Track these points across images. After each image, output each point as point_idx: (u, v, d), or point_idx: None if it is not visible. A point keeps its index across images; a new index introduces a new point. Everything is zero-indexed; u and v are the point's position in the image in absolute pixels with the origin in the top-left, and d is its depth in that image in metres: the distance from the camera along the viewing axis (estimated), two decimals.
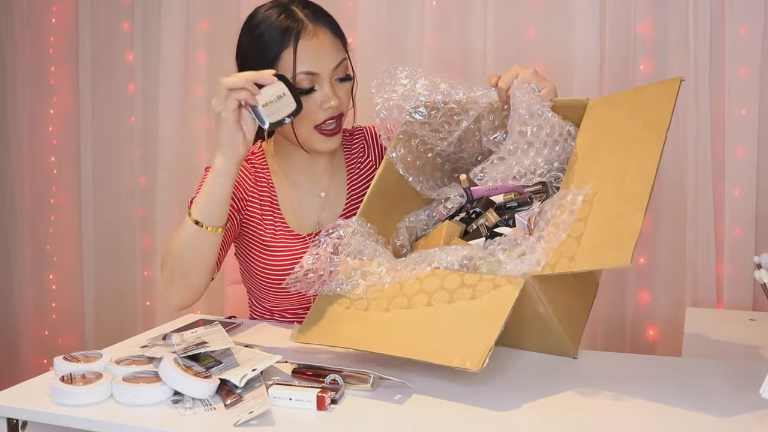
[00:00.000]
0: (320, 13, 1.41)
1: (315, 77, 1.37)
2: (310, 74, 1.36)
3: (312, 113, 1.39)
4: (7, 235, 2.67)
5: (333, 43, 1.39)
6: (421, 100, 1.34)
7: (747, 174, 1.86)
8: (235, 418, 0.95)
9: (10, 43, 2.60)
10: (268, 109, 1.21)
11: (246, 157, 1.52)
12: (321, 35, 1.37)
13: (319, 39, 1.37)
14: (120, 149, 2.52)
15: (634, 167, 1.08)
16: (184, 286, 1.32)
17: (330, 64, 1.38)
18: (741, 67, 1.85)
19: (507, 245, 1.12)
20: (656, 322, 1.98)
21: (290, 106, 1.22)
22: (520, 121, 1.24)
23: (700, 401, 0.99)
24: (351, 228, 1.25)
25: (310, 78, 1.36)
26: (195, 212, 1.28)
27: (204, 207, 1.27)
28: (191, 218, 1.28)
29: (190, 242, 1.28)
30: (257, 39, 1.39)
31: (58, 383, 1.02)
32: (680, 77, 1.16)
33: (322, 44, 1.37)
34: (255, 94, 1.20)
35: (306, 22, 1.37)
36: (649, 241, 1.97)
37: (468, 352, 1.01)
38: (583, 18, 1.96)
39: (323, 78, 1.37)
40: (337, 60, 1.39)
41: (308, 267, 1.21)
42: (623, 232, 1.00)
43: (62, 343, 2.67)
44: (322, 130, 1.41)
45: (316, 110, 1.39)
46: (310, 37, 1.36)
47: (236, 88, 1.19)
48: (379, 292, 1.15)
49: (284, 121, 1.22)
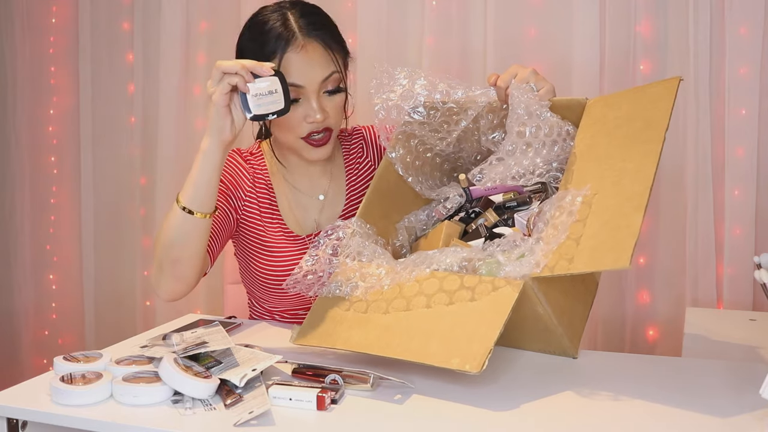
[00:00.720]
0: (316, 25, 1.38)
1: (300, 89, 1.35)
2: (295, 86, 1.34)
3: (296, 125, 1.38)
4: (7, 235, 2.67)
5: (323, 56, 1.36)
6: (420, 100, 1.34)
7: (747, 174, 1.86)
8: (235, 418, 0.95)
9: (10, 43, 2.60)
10: (256, 100, 1.20)
11: (244, 158, 1.52)
12: (310, 48, 1.35)
13: (308, 52, 1.35)
14: (120, 149, 2.52)
15: (633, 167, 1.08)
16: (173, 276, 1.31)
17: (317, 78, 1.36)
18: (741, 67, 1.85)
19: (506, 247, 1.12)
20: (656, 322, 1.98)
21: (278, 104, 1.22)
22: (519, 121, 1.24)
23: (700, 401, 0.99)
24: (350, 229, 1.25)
25: (296, 90, 1.35)
26: (182, 198, 1.27)
27: (191, 192, 1.27)
28: (179, 205, 1.27)
29: (178, 230, 1.28)
30: (252, 40, 1.39)
31: (58, 383, 1.02)
32: (679, 77, 1.16)
33: (311, 57, 1.35)
34: (248, 82, 1.19)
35: (297, 33, 1.35)
36: (649, 241, 1.97)
37: (467, 354, 1.01)
38: (583, 18, 1.96)
39: (309, 91, 1.36)
40: (325, 73, 1.36)
41: (307, 269, 1.21)
42: (622, 233, 1.00)
43: (62, 343, 2.67)
44: (308, 140, 1.40)
45: (301, 122, 1.38)
46: (298, 50, 1.34)
47: (230, 72, 1.19)
48: (379, 294, 1.15)
49: (267, 116, 1.22)
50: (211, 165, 1.25)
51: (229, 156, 1.53)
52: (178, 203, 1.27)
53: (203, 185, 1.26)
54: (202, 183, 1.26)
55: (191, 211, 1.27)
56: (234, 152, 1.54)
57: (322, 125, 1.39)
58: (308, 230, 1.50)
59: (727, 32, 1.85)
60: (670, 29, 1.92)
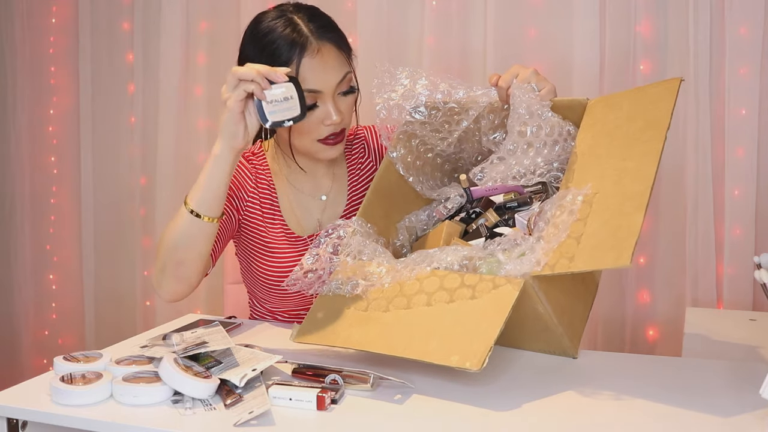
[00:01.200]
0: (327, 28, 1.37)
1: (318, 95, 1.34)
2: (313, 92, 1.34)
3: (314, 129, 1.37)
4: (7, 235, 2.67)
5: (337, 59, 1.36)
6: (421, 100, 1.34)
7: (747, 174, 1.86)
8: (235, 418, 0.95)
9: (10, 44, 2.60)
10: (272, 107, 1.20)
11: (246, 158, 1.52)
12: (325, 52, 1.34)
13: (323, 56, 1.34)
14: (120, 149, 2.52)
15: (634, 167, 1.08)
16: (175, 277, 1.31)
17: (333, 81, 1.35)
18: (741, 67, 1.85)
19: (507, 245, 1.12)
20: (656, 322, 1.98)
21: (294, 110, 1.21)
22: (520, 121, 1.24)
23: (700, 401, 0.99)
24: (351, 228, 1.25)
25: (313, 95, 1.34)
26: (191, 201, 1.27)
27: (200, 196, 1.26)
28: (187, 208, 1.27)
29: (184, 232, 1.28)
30: (262, 50, 1.36)
31: (58, 383, 1.02)
32: (680, 77, 1.16)
33: (326, 61, 1.34)
34: (264, 89, 1.19)
35: (311, 38, 1.34)
36: (649, 241, 1.97)
37: (468, 352, 1.01)
38: (583, 18, 1.96)
39: (326, 95, 1.35)
40: (340, 75, 1.36)
41: (308, 267, 1.21)
42: (623, 232, 1.00)
43: (62, 343, 2.67)
44: (325, 141, 1.40)
45: (318, 126, 1.37)
46: (314, 54, 1.33)
47: (246, 79, 1.18)
48: (379, 293, 1.15)
49: (284, 123, 1.21)
50: (222, 170, 1.25)
51: None
52: (185, 206, 1.27)
53: (212, 189, 1.26)
54: (212, 187, 1.26)
55: (198, 215, 1.26)
56: None
57: (340, 126, 1.39)
58: (310, 231, 1.49)
59: (727, 32, 1.85)
60: (670, 29, 1.92)
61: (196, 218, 1.26)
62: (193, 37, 2.35)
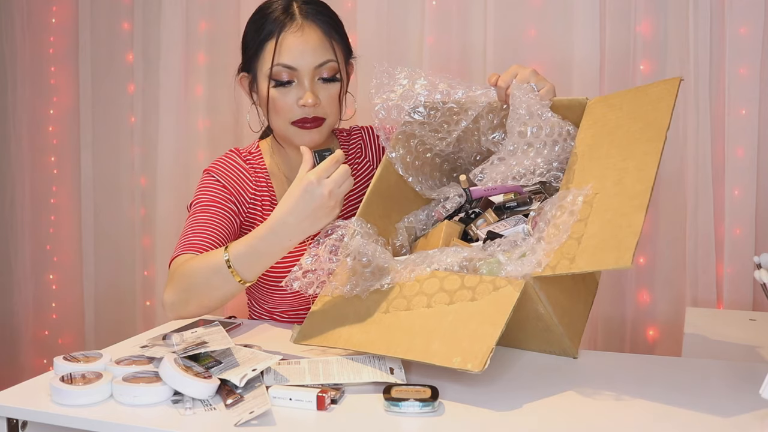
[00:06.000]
0: (317, 12, 1.40)
1: (293, 72, 1.37)
2: (288, 68, 1.37)
3: (288, 109, 1.39)
4: (7, 235, 2.67)
5: (320, 41, 1.38)
6: (420, 100, 1.34)
7: (747, 174, 1.86)
8: (235, 418, 0.95)
9: (10, 44, 2.59)
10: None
11: (244, 158, 1.52)
12: (308, 30, 1.37)
13: (305, 35, 1.37)
14: (120, 149, 2.52)
15: (635, 167, 1.08)
16: (197, 307, 1.32)
17: (311, 62, 1.37)
18: (741, 67, 1.85)
19: (507, 246, 1.12)
20: (656, 322, 1.98)
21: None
22: (520, 121, 1.24)
23: (700, 401, 0.99)
24: (351, 229, 1.25)
25: (289, 72, 1.37)
26: (233, 256, 1.24)
27: (245, 259, 1.23)
28: (225, 253, 1.24)
29: (211, 280, 1.27)
30: (252, 25, 1.42)
31: (58, 383, 1.02)
32: (680, 77, 1.16)
33: (307, 41, 1.37)
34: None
35: (296, 15, 1.38)
36: (649, 241, 1.97)
37: (469, 353, 1.01)
38: (583, 18, 1.95)
39: (302, 74, 1.37)
40: (321, 59, 1.38)
41: (307, 267, 1.21)
42: (624, 232, 1.00)
43: (62, 343, 2.67)
44: (299, 125, 1.41)
45: (292, 106, 1.39)
46: (295, 30, 1.36)
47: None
48: (379, 294, 1.15)
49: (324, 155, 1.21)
50: (283, 248, 1.22)
51: (229, 157, 1.52)
52: (225, 251, 1.25)
53: (260, 258, 1.24)
54: (261, 255, 1.23)
55: (230, 266, 1.24)
56: (233, 152, 1.53)
57: (314, 112, 1.39)
58: None
59: (727, 32, 1.85)
60: (670, 29, 1.92)
61: (227, 268, 1.24)
62: (193, 37, 2.35)
